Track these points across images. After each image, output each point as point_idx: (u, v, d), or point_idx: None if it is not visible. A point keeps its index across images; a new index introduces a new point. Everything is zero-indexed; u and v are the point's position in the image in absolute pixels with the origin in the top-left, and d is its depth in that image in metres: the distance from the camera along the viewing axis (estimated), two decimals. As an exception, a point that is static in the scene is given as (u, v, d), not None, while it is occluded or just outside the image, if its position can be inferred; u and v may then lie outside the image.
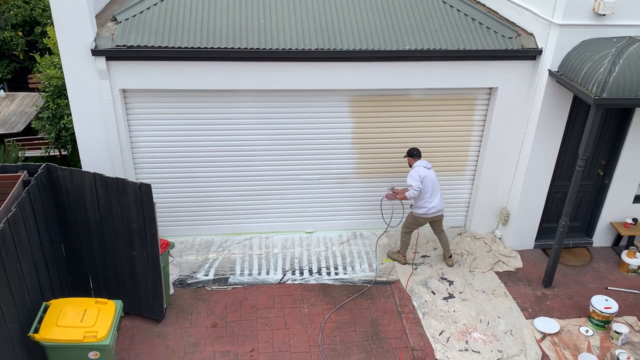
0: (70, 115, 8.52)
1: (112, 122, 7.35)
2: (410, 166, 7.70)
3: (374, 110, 8.01)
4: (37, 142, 11.97)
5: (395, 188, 7.93)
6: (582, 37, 7.09)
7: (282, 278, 7.92)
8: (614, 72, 6.44)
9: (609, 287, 7.94)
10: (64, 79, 8.09)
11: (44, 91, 10.13)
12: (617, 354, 6.60)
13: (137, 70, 7.10)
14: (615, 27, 7.05)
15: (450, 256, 8.19)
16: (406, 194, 7.56)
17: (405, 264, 8.19)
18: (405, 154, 7.78)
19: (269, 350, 6.76)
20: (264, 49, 7.06)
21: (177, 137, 7.84)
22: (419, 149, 7.74)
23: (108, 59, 6.92)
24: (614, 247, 8.81)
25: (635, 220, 8.50)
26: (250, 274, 7.96)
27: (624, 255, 8.26)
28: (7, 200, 5.61)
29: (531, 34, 7.63)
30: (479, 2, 8.73)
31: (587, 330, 7.16)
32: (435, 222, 7.93)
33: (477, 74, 7.65)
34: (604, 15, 6.93)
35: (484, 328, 7.16)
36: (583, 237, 8.88)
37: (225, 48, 7.00)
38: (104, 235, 6.59)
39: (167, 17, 7.24)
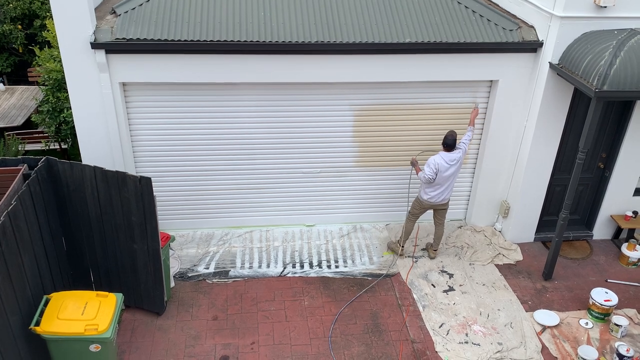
0: (70, 108, 8.50)
1: (112, 116, 7.34)
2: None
3: (374, 103, 8.00)
4: (37, 135, 11.95)
5: (417, 164, 7.76)
6: (583, 29, 7.07)
7: (283, 271, 7.94)
8: (614, 64, 6.42)
9: (609, 280, 7.95)
10: (63, 72, 8.06)
11: (43, 84, 10.11)
12: (616, 346, 6.61)
13: (136, 64, 7.08)
14: (617, 19, 7.02)
15: (436, 250, 8.18)
16: (418, 174, 7.56)
17: (401, 255, 8.17)
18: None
19: (269, 342, 6.78)
20: (264, 41, 7.04)
21: (178, 130, 7.83)
22: (454, 138, 7.34)
23: (107, 52, 6.90)
24: (614, 240, 8.82)
25: (635, 213, 8.50)
26: (250, 267, 7.98)
27: (624, 248, 8.27)
28: (7, 193, 5.61)
29: (532, 27, 7.60)
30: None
31: (587, 322, 7.18)
32: (439, 211, 7.91)
33: (478, 66, 7.63)
34: (605, 7, 6.90)
35: (484, 321, 7.18)
36: (583, 230, 8.88)
37: (225, 41, 6.97)
38: (104, 229, 6.60)
39: (167, 9, 7.21)
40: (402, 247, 8.16)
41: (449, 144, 7.37)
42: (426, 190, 7.63)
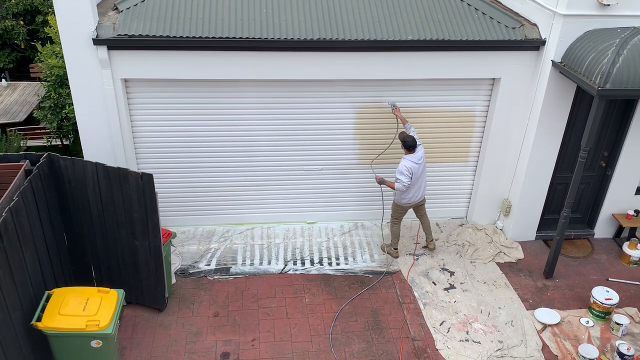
0: (72, 104, 8.52)
1: (113, 112, 7.34)
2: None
3: (375, 101, 7.99)
4: (39, 131, 11.97)
5: (385, 179, 7.73)
6: (586, 27, 7.05)
7: (284, 268, 7.95)
8: (617, 63, 6.40)
9: (609, 279, 7.94)
10: (65, 68, 8.07)
11: (45, 80, 10.11)
12: (617, 345, 6.61)
13: (138, 60, 7.08)
14: (620, 17, 7.00)
15: (432, 240, 8.20)
16: (395, 185, 7.54)
17: (397, 257, 8.18)
18: (401, 142, 7.47)
19: (270, 339, 6.79)
20: (265, 38, 7.03)
21: (179, 127, 7.83)
22: (414, 137, 7.40)
23: (109, 48, 6.90)
24: (616, 239, 8.80)
25: (637, 211, 8.49)
26: (252, 264, 7.99)
27: (626, 247, 8.27)
28: (9, 189, 5.62)
29: (535, 25, 7.58)
30: (482, -8, 8.68)
31: (588, 321, 7.17)
32: (418, 207, 7.97)
33: (480, 64, 7.61)
34: (608, 5, 6.88)
35: (484, 318, 7.18)
36: (584, 228, 8.88)
37: (227, 38, 6.97)
38: (106, 225, 6.60)
39: (169, 6, 7.20)
40: (396, 249, 8.18)
41: (412, 144, 7.37)
42: (405, 195, 7.67)
